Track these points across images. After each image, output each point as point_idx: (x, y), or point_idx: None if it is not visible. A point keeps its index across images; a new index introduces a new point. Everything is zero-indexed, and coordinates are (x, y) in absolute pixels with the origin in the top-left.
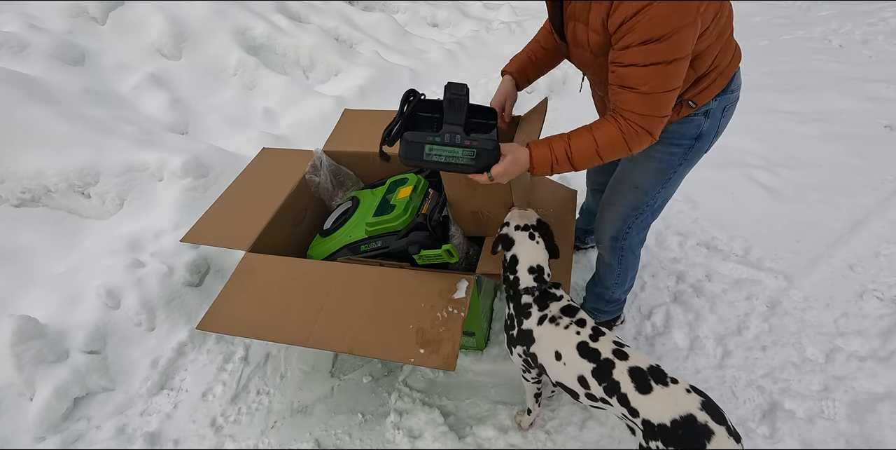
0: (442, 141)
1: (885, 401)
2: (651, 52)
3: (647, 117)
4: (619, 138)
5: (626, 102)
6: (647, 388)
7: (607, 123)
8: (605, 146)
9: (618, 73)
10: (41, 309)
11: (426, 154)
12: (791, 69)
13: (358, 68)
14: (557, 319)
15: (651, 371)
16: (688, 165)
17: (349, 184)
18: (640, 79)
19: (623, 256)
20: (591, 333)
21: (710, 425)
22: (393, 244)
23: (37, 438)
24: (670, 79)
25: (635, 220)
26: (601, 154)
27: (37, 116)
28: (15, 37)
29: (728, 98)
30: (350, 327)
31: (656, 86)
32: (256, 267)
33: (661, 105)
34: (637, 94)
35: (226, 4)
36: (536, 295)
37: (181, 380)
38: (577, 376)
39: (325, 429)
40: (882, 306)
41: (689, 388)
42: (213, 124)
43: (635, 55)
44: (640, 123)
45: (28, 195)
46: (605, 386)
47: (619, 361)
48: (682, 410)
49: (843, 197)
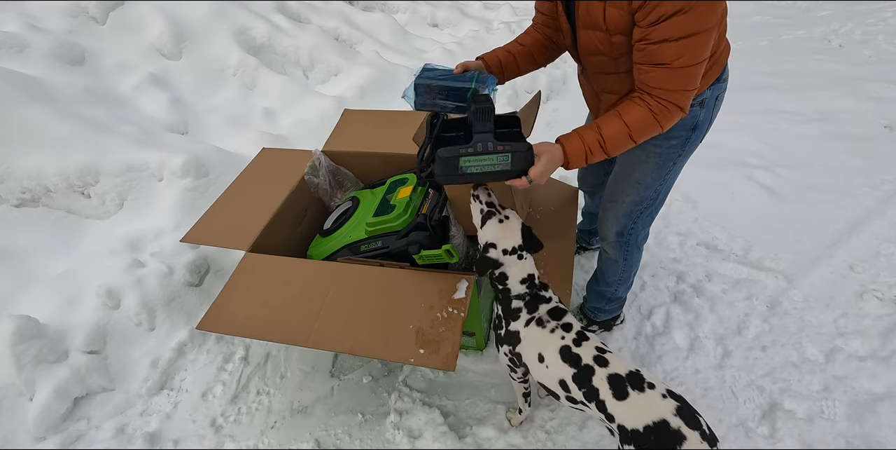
0: (476, 151)
1: (885, 401)
2: (685, 23)
3: (678, 92)
4: (650, 118)
5: (656, 80)
6: (623, 394)
7: (636, 106)
8: (638, 128)
9: (648, 51)
10: (41, 309)
11: (461, 168)
12: (791, 69)
13: (358, 68)
14: (545, 322)
15: (629, 377)
16: (685, 156)
17: (348, 184)
18: (673, 53)
19: (629, 251)
20: (574, 338)
21: (683, 431)
22: (393, 244)
23: (37, 438)
24: (703, 50)
25: (640, 215)
26: (634, 137)
27: (37, 116)
28: (15, 37)
29: (720, 87)
30: (350, 328)
31: (689, 59)
32: (256, 267)
33: (692, 78)
34: (669, 70)
35: (226, 4)
36: (527, 299)
37: (181, 380)
38: (559, 379)
39: (325, 429)
40: (882, 306)
41: (666, 393)
42: (213, 124)
43: (669, 29)
44: (670, 99)
45: (28, 195)
46: (585, 392)
47: (598, 367)
48: (655, 415)
49: (843, 197)
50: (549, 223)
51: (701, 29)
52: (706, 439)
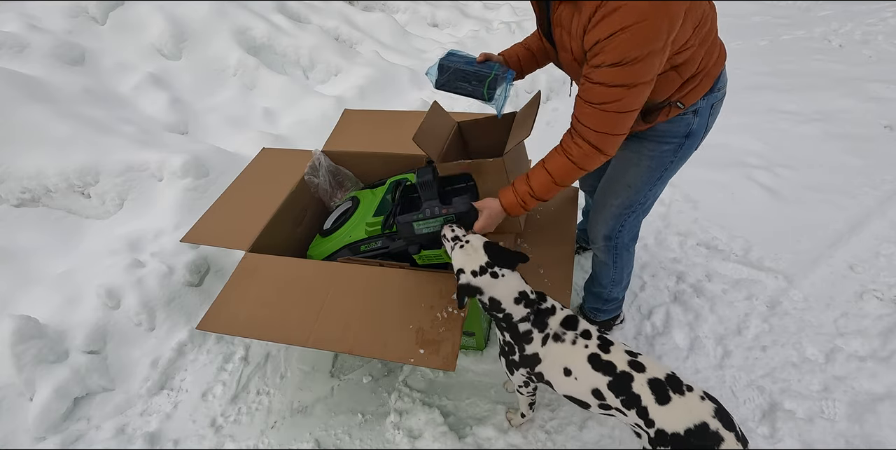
0: (424, 216)
1: (885, 401)
2: (618, 74)
3: (603, 135)
4: (570, 165)
5: (585, 117)
6: (665, 399)
7: (557, 155)
8: (561, 175)
9: (585, 87)
10: (41, 309)
11: (417, 229)
12: (791, 69)
13: (358, 68)
14: (561, 335)
15: (668, 381)
16: (678, 162)
17: (348, 184)
18: (603, 97)
19: (617, 253)
20: (599, 344)
21: (721, 432)
22: (393, 244)
23: (37, 438)
24: (632, 101)
25: (627, 218)
26: (559, 183)
27: (37, 116)
28: (15, 37)
29: (715, 96)
30: (350, 328)
31: (617, 106)
32: (256, 267)
33: (617, 124)
34: (598, 110)
35: (226, 4)
36: (532, 319)
37: (181, 380)
38: (592, 389)
39: (325, 429)
40: (882, 306)
41: (703, 395)
42: (213, 124)
43: (604, 75)
44: (593, 141)
45: (28, 195)
46: (624, 399)
47: (637, 373)
48: (696, 418)
49: (843, 197)
50: (549, 223)
51: (634, 82)
52: (740, 441)
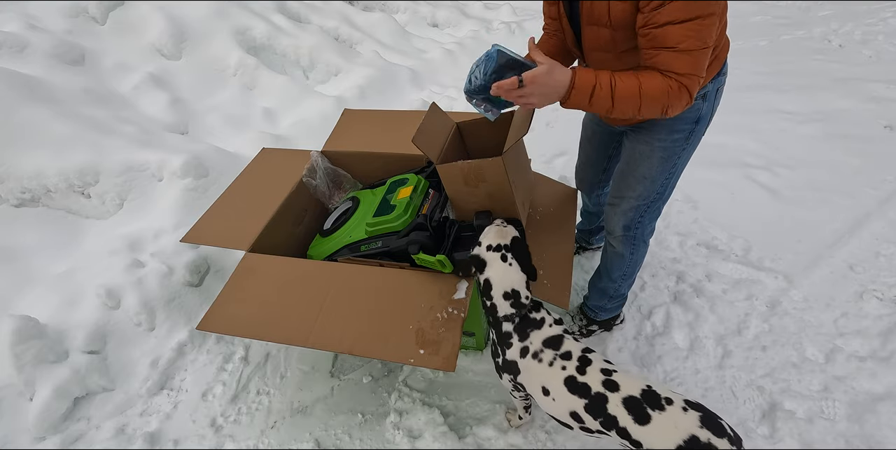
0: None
1: (885, 401)
2: (688, 7)
3: (688, 76)
4: (664, 89)
5: (664, 63)
6: (644, 418)
7: (654, 72)
8: (649, 93)
9: (653, 35)
10: (41, 309)
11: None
12: (791, 69)
13: (358, 68)
14: (539, 353)
15: (644, 397)
16: (690, 149)
17: (346, 186)
18: (677, 37)
19: (635, 245)
20: (577, 365)
21: (713, 441)
22: (393, 244)
23: (37, 438)
24: (707, 34)
25: (647, 209)
26: (642, 98)
27: (37, 116)
28: (15, 37)
29: (721, 80)
30: (350, 328)
31: (694, 42)
32: (256, 267)
33: (699, 62)
34: (676, 53)
35: (226, 4)
36: (517, 322)
37: (181, 380)
38: (569, 411)
39: (325, 429)
40: (882, 306)
41: (685, 405)
42: (213, 124)
43: (672, 11)
44: (682, 82)
45: (28, 195)
46: (602, 421)
47: (611, 393)
48: (683, 433)
49: (843, 197)
50: (548, 223)
51: (703, 13)
52: (733, 443)
